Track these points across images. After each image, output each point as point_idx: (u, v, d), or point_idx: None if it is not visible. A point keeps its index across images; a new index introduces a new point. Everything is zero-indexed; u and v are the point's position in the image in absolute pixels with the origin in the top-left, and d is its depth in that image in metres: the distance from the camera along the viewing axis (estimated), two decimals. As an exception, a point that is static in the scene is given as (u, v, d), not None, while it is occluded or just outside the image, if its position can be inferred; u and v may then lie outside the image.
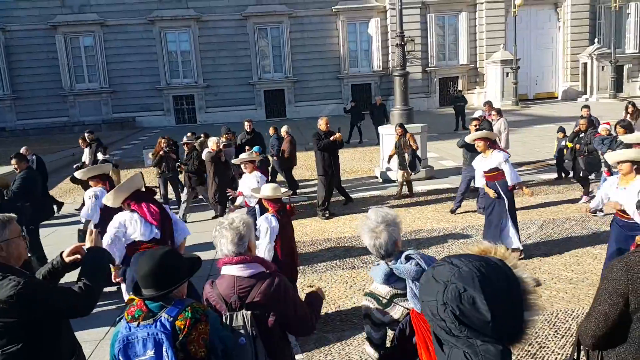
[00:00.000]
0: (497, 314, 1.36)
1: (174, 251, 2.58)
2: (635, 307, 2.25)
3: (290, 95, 30.76)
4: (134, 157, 17.88)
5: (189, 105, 30.35)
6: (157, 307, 2.36)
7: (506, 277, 1.43)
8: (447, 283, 1.39)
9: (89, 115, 29.01)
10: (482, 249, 1.67)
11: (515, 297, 1.43)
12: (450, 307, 1.37)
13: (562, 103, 29.03)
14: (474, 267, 1.40)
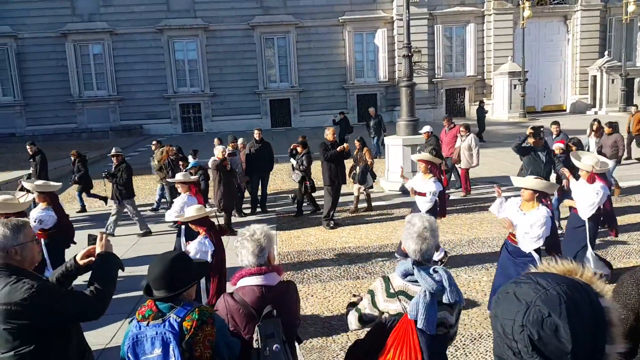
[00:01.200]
0: (578, 345, 1.23)
1: (184, 255, 2.69)
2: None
3: (296, 105, 30.83)
4: (141, 164, 17.93)
5: (196, 114, 30.49)
6: (167, 308, 2.48)
7: (592, 305, 1.29)
8: (529, 304, 1.27)
9: (96, 122, 29.21)
10: (568, 269, 1.46)
11: (599, 328, 1.28)
12: (528, 331, 1.26)
13: (570, 116, 28.89)
14: (561, 291, 1.27)
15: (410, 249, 2.71)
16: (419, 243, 2.69)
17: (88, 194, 12.14)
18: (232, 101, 30.09)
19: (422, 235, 2.70)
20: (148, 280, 2.57)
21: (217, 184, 9.71)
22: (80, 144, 25.26)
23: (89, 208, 12.48)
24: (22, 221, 2.81)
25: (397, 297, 2.63)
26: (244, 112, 29.85)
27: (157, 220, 10.74)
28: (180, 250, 2.66)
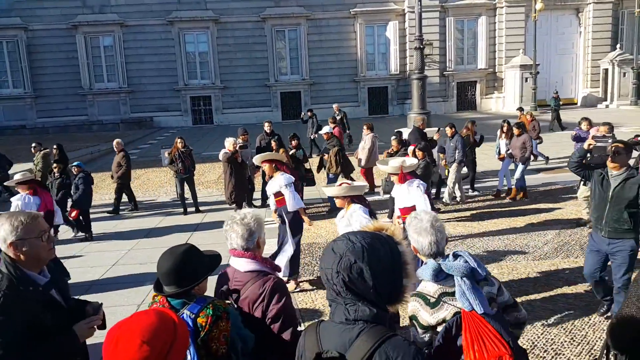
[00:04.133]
0: (378, 281, 1.66)
1: (194, 248, 2.56)
2: None
3: (307, 98, 30.75)
4: (152, 157, 18.01)
5: (206, 106, 30.52)
6: (180, 304, 2.38)
7: (391, 251, 1.74)
8: (342, 255, 1.68)
9: (107, 114, 29.36)
10: (376, 227, 2.00)
11: (396, 267, 1.73)
12: (342, 275, 1.66)
13: (581, 109, 28.58)
14: (365, 243, 1.69)
15: (425, 243, 2.67)
16: (433, 234, 2.68)
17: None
18: (243, 94, 30.08)
19: (434, 225, 2.70)
20: (158, 275, 2.46)
21: (227, 177, 9.70)
22: (91, 136, 25.44)
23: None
24: (31, 214, 2.53)
25: (442, 302, 2.54)
26: (254, 105, 29.87)
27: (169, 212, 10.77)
28: (190, 244, 2.57)
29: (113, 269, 7.55)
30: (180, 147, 10.42)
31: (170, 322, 1.68)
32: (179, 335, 1.67)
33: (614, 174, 4.74)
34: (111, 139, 23.56)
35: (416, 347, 1.69)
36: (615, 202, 4.67)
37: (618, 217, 4.69)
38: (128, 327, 1.61)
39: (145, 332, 1.58)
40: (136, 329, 1.59)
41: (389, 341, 1.64)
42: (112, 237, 9.27)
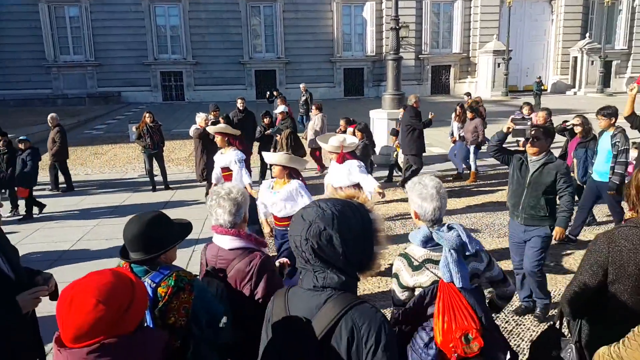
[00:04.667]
0: (348, 248, 1.64)
1: (163, 215, 2.47)
2: (613, 278, 2.37)
3: (282, 77, 30.34)
4: (119, 132, 17.51)
5: (177, 82, 29.81)
6: (142, 272, 2.32)
7: (362, 218, 1.72)
8: (311, 222, 1.64)
9: (72, 88, 28.34)
10: (347, 194, 1.97)
11: (367, 235, 1.72)
12: (311, 242, 1.63)
13: (550, 96, 29.06)
14: (335, 210, 1.66)
15: (429, 209, 2.67)
16: (438, 200, 2.68)
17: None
18: (216, 70, 29.45)
19: (440, 192, 2.71)
20: (124, 241, 2.39)
21: (199, 154, 9.45)
22: (55, 110, 24.54)
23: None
24: None
25: (424, 267, 2.60)
26: (227, 82, 29.28)
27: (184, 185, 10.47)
28: (159, 211, 2.48)
29: (78, 244, 7.30)
30: (149, 122, 10.11)
31: (127, 282, 1.58)
32: (137, 295, 1.58)
33: (532, 159, 4.63)
34: (77, 113, 23.09)
35: (383, 315, 1.67)
36: (533, 187, 4.56)
37: (535, 203, 4.59)
38: (83, 287, 1.52)
39: (101, 292, 1.49)
40: (91, 288, 1.50)
41: (356, 308, 1.63)
42: (76, 214, 8.95)
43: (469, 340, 2.33)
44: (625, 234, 2.34)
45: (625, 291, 2.35)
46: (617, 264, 2.33)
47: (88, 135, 18.50)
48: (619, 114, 6.55)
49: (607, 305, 2.43)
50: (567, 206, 4.59)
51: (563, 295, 2.57)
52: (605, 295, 2.41)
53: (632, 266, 2.31)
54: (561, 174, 4.52)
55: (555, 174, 4.52)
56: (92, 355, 1.45)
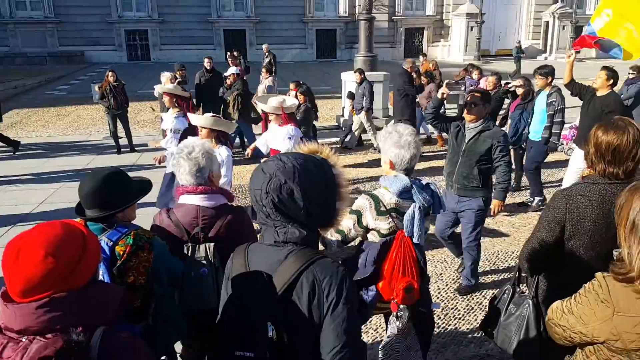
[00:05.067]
0: (310, 202, 1.61)
1: (121, 172, 2.42)
2: (570, 234, 2.41)
3: (252, 37, 29.64)
4: (82, 93, 16.94)
5: (143, 42, 28.84)
6: (98, 230, 2.26)
7: (325, 173, 1.68)
8: (272, 175, 1.60)
9: (32, 46, 27.16)
10: (310, 149, 1.94)
11: (330, 190, 1.69)
12: (271, 196, 1.59)
13: (522, 61, 29.17)
14: (297, 163, 1.62)
15: (407, 157, 2.70)
16: (409, 150, 2.71)
17: None
18: (183, 29, 28.56)
19: (413, 142, 2.73)
20: (79, 198, 2.32)
21: (165, 114, 9.20)
22: (15, 70, 23.58)
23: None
24: None
25: (389, 215, 2.64)
26: (195, 42, 28.45)
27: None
28: (116, 167, 2.41)
29: (40, 207, 7.11)
30: (112, 81, 9.75)
31: (78, 234, 1.50)
32: (89, 248, 1.51)
33: (470, 127, 4.37)
34: (38, 73, 22.19)
35: (344, 269, 1.65)
36: (467, 156, 4.32)
37: (468, 172, 4.35)
38: (31, 238, 1.43)
39: (50, 243, 1.41)
40: (40, 239, 1.42)
41: (318, 262, 1.61)
42: (37, 177, 8.67)
43: (410, 291, 2.43)
44: (582, 190, 2.38)
45: (581, 247, 2.40)
46: (574, 220, 2.37)
47: (50, 96, 17.86)
48: (555, 73, 6.54)
49: (563, 261, 2.48)
50: (503, 177, 4.36)
51: (521, 252, 2.60)
52: (562, 251, 2.46)
53: (588, 222, 2.35)
54: (497, 143, 4.26)
55: (490, 141, 4.27)
56: (41, 310, 1.37)
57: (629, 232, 1.72)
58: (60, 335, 1.36)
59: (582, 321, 1.82)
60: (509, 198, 6.94)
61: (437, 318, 4.27)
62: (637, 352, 1.71)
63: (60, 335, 1.36)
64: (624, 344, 1.71)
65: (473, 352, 3.88)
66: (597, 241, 2.37)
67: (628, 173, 2.33)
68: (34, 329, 1.37)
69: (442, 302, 4.60)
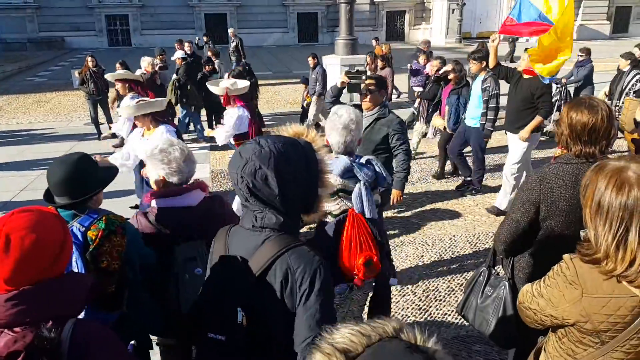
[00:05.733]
0: (286, 188, 1.58)
1: (88, 157, 2.40)
2: (545, 215, 2.41)
3: (233, 21, 29.30)
4: (63, 80, 16.74)
5: (123, 27, 28.40)
6: (69, 216, 2.25)
7: (306, 158, 1.64)
8: (247, 160, 1.58)
9: (11, 32, 26.56)
10: (295, 131, 1.88)
11: (312, 176, 1.65)
12: (246, 181, 1.58)
13: (504, 42, 29.33)
14: (275, 148, 1.58)
15: (334, 141, 2.74)
16: (344, 135, 2.72)
17: None
18: (163, 14, 28.16)
19: (348, 127, 2.73)
20: (48, 185, 2.30)
21: (146, 100, 9.19)
22: (-6, 56, 23.18)
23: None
24: None
25: (337, 196, 2.67)
26: (177, 27, 28.04)
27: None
28: (82, 152, 2.43)
29: (21, 194, 7.12)
30: (92, 67, 9.70)
31: (58, 220, 1.50)
32: (68, 236, 1.50)
33: (366, 115, 4.21)
34: (18, 59, 21.84)
35: (321, 259, 1.61)
36: (364, 145, 4.00)
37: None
38: (16, 224, 1.40)
39: (38, 229, 1.40)
40: (26, 225, 1.39)
41: (293, 250, 1.58)
42: (18, 164, 8.65)
43: (370, 264, 2.46)
44: (555, 170, 2.37)
45: (556, 227, 2.40)
46: (548, 201, 2.37)
47: (31, 83, 17.63)
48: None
49: (538, 242, 2.49)
50: (402, 166, 4.20)
51: (496, 234, 2.59)
52: (536, 233, 2.46)
53: (563, 202, 2.35)
54: (393, 131, 4.12)
55: (386, 130, 4.13)
56: (9, 302, 1.34)
57: (594, 213, 1.68)
58: (30, 329, 1.33)
59: (552, 304, 1.80)
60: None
61: (418, 300, 4.38)
62: (606, 332, 1.69)
63: (30, 329, 1.33)
64: (594, 326, 1.69)
65: (453, 333, 3.95)
66: (572, 221, 2.35)
67: (602, 151, 2.33)
68: (2, 322, 1.33)
69: (423, 283, 4.65)
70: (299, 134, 1.85)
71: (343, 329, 0.93)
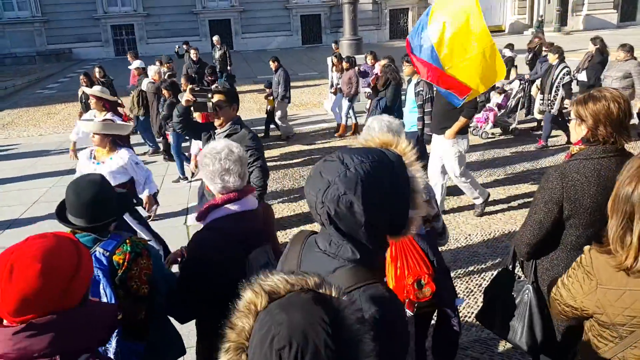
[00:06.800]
0: (372, 217, 1.33)
1: (106, 182, 2.34)
2: (569, 213, 2.33)
3: (237, 26, 29.43)
4: (72, 91, 16.85)
5: (129, 36, 28.59)
6: (91, 241, 2.14)
7: (396, 176, 1.37)
8: (330, 183, 1.33)
9: (21, 46, 26.86)
10: (382, 141, 1.58)
11: (401, 197, 1.39)
12: (327, 207, 1.33)
13: (509, 36, 29.15)
14: (362, 170, 1.32)
15: None
16: None
17: None
18: (168, 22, 28.31)
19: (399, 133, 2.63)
20: (68, 207, 2.21)
21: (155, 109, 9.23)
22: (5, 70, 23.38)
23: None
24: None
25: None
26: (181, 34, 28.11)
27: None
28: (100, 175, 2.36)
29: (34, 207, 7.15)
30: (100, 77, 9.76)
31: (71, 247, 1.42)
32: (83, 263, 1.41)
33: (218, 132, 4.02)
34: (28, 73, 22.04)
35: (399, 304, 1.42)
36: None
37: None
38: (23, 253, 1.33)
39: (45, 258, 1.32)
40: (33, 254, 1.33)
41: (365, 288, 1.35)
42: (30, 176, 8.70)
43: (421, 285, 2.26)
44: (576, 167, 2.30)
45: (580, 225, 2.33)
46: (572, 199, 2.29)
47: (40, 95, 17.80)
48: None
49: (562, 242, 2.41)
50: (258, 183, 3.90)
51: (518, 236, 2.51)
52: (560, 232, 2.39)
53: (587, 199, 2.28)
54: (246, 147, 3.70)
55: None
56: (18, 336, 1.28)
57: (611, 204, 1.70)
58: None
59: (571, 294, 1.82)
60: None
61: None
62: (623, 326, 1.67)
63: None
64: (609, 318, 1.69)
65: (475, 336, 3.86)
66: (596, 218, 2.28)
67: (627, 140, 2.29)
68: (11, 356, 1.27)
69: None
70: (387, 144, 1.56)
71: (275, 275, 1.09)
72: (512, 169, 7.73)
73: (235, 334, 1.04)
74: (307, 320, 0.98)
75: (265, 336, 0.98)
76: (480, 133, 9.43)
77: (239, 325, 1.04)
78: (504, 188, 6.95)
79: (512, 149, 8.74)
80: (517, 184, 7.05)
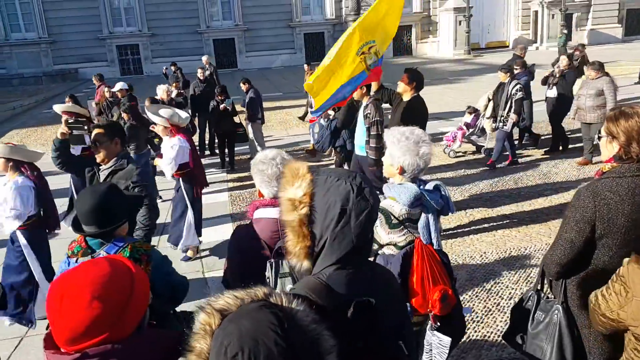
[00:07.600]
0: None
1: (116, 188, 2.46)
2: (601, 233, 2.28)
3: (241, 45, 29.67)
4: (78, 111, 16.95)
5: (134, 56, 28.84)
6: (97, 245, 2.34)
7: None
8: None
9: (27, 67, 27.11)
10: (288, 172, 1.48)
11: None
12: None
13: (512, 51, 29.24)
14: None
15: (413, 165, 2.52)
16: (415, 155, 2.52)
17: None
18: (173, 41, 28.55)
19: (422, 144, 2.54)
20: (77, 214, 2.38)
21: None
22: (12, 91, 23.59)
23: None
24: None
25: (402, 226, 2.48)
26: (185, 53, 28.36)
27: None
28: (111, 183, 2.48)
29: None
30: (108, 97, 9.80)
31: (126, 272, 1.39)
32: (137, 288, 1.38)
33: (102, 169, 3.84)
34: (35, 93, 22.22)
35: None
36: None
37: None
38: (75, 280, 1.32)
39: (97, 286, 1.30)
40: (84, 282, 1.31)
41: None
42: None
43: (445, 299, 2.26)
44: (609, 185, 2.25)
45: (614, 245, 2.28)
46: (605, 218, 2.24)
47: (48, 115, 17.85)
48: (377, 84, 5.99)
49: (594, 262, 2.36)
50: (144, 222, 3.68)
51: (547, 256, 2.47)
52: (592, 252, 2.34)
53: (621, 218, 2.22)
54: (133, 183, 3.64)
55: (124, 184, 3.55)
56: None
57: None
58: None
59: (608, 306, 1.85)
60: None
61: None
62: None
63: None
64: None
65: (495, 356, 3.80)
66: (631, 238, 2.24)
67: None
68: None
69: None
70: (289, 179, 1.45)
71: (225, 294, 1.13)
72: (524, 184, 7.67)
73: (195, 356, 1.07)
74: (254, 326, 1.01)
75: (219, 349, 1.00)
76: (448, 152, 9.46)
77: (197, 347, 1.07)
78: (517, 204, 6.87)
79: (519, 165, 8.66)
80: (530, 200, 6.97)
